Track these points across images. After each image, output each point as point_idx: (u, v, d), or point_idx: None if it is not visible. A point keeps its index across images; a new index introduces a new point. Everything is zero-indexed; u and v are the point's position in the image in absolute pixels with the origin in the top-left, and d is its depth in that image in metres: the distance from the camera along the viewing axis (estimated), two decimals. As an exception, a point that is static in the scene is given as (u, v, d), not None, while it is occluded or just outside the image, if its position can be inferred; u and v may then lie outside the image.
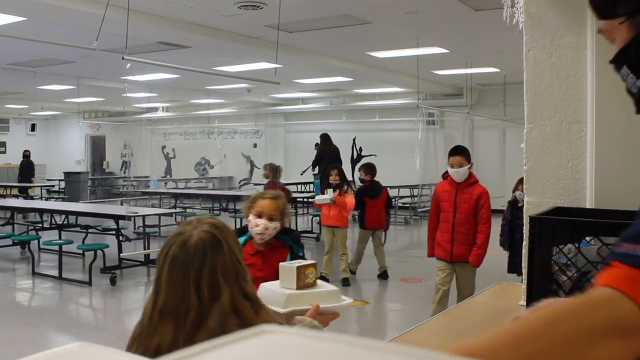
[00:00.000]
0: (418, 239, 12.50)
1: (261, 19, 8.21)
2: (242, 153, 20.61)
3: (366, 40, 9.76)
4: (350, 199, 7.78)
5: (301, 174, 18.15)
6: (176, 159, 22.31)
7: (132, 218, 9.65)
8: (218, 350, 0.44)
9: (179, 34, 8.85)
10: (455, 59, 11.49)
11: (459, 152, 5.39)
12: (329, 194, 7.71)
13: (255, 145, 20.54)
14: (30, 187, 17.98)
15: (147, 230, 9.83)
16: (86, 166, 23.49)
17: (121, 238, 8.78)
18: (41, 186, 18.49)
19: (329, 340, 0.43)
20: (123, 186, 21.57)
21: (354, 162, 17.60)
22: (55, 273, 8.48)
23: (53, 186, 19.28)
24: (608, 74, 2.05)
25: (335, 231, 7.90)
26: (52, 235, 9.86)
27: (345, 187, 7.83)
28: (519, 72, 2.20)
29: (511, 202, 6.83)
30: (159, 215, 10.70)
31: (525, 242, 1.94)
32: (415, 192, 15.86)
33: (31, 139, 23.90)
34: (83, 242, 9.59)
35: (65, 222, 10.30)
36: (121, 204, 15.76)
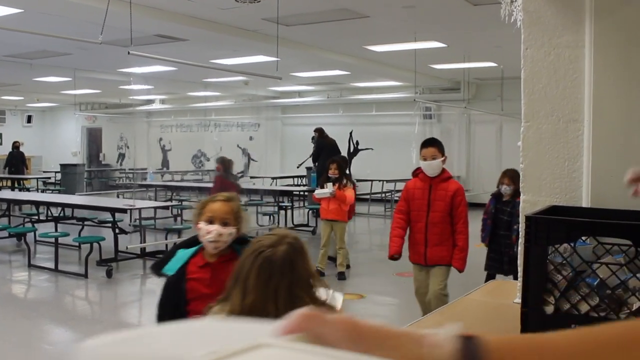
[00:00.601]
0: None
1: (259, 12, 8.19)
2: (239, 145, 20.59)
3: (364, 34, 9.75)
4: (349, 193, 7.73)
5: (297, 167, 18.17)
6: (172, 152, 22.29)
7: (129, 211, 9.64)
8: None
9: (177, 27, 8.83)
10: (452, 53, 11.48)
11: (432, 144, 4.95)
12: (329, 188, 7.66)
13: (251, 138, 20.52)
14: (25, 179, 17.95)
15: (144, 222, 9.82)
16: (82, 158, 23.47)
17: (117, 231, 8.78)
18: (37, 178, 18.47)
19: (328, 356, 0.43)
20: (119, 178, 21.57)
21: (351, 156, 17.60)
22: (51, 265, 8.47)
23: (49, 178, 19.27)
24: (606, 73, 2.06)
25: (334, 225, 7.89)
26: (48, 227, 9.85)
27: (344, 181, 7.78)
28: (517, 67, 2.19)
29: (495, 196, 6.40)
30: (155, 208, 10.70)
31: (521, 241, 1.95)
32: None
33: (27, 131, 23.84)
34: (79, 235, 9.58)
35: (61, 215, 10.29)
36: (117, 197, 15.76)
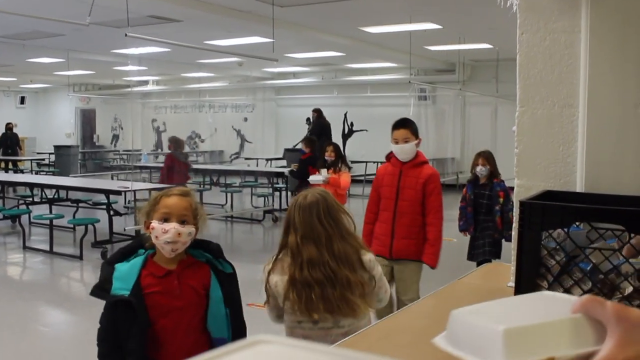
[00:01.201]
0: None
1: (253, -7, 8.13)
2: (233, 127, 20.53)
3: (359, 15, 9.69)
4: (345, 177, 7.49)
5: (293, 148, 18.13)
6: (167, 133, 22.21)
7: (123, 192, 9.61)
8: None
9: (170, 8, 8.75)
10: (447, 35, 11.43)
11: (404, 125, 4.55)
12: (323, 174, 7.51)
13: (246, 119, 20.45)
14: (20, 161, 17.88)
15: (138, 204, 9.81)
16: (76, 139, 23.38)
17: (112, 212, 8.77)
18: (31, 159, 18.39)
19: (325, 352, 0.44)
20: (113, 160, 21.51)
21: (345, 137, 17.57)
22: (46, 247, 8.48)
23: (43, 159, 19.20)
24: (601, 58, 2.06)
25: None
26: (43, 209, 9.83)
27: (340, 165, 7.62)
28: (512, 49, 2.19)
29: (471, 181, 6.02)
30: (150, 190, 10.66)
31: (515, 225, 1.96)
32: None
33: (21, 112, 23.70)
34: (74, 217, 9.57)
35: (56, 197, 10.26)
36: (112, 178, 15.72)
